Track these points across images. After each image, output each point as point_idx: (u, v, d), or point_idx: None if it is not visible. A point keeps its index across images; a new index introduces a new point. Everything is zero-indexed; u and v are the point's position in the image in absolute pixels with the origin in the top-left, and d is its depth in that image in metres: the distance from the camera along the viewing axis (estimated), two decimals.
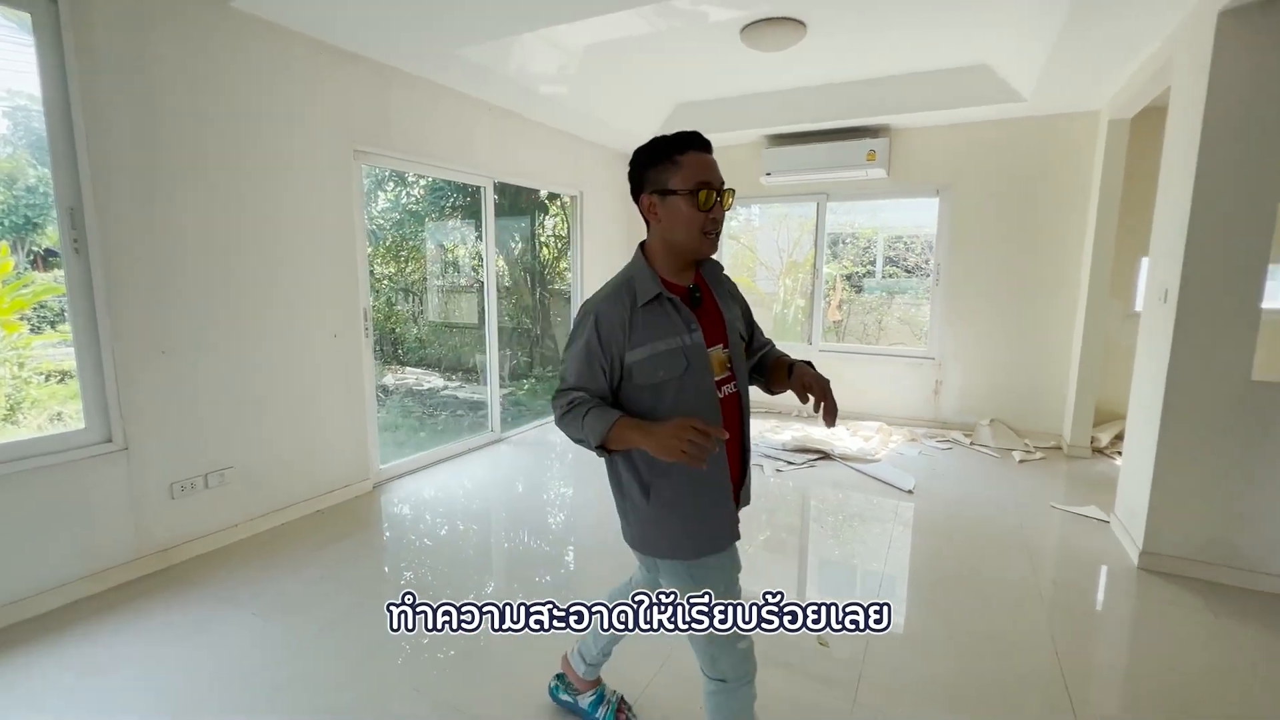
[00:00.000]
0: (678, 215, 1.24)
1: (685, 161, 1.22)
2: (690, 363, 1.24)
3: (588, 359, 1.25)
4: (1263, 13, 2.32)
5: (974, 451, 4.51)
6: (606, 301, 1.26)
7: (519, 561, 2.85)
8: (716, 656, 1.30)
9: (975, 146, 4.70)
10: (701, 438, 1.08)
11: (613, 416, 1.20)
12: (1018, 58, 3.71)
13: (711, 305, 1.34)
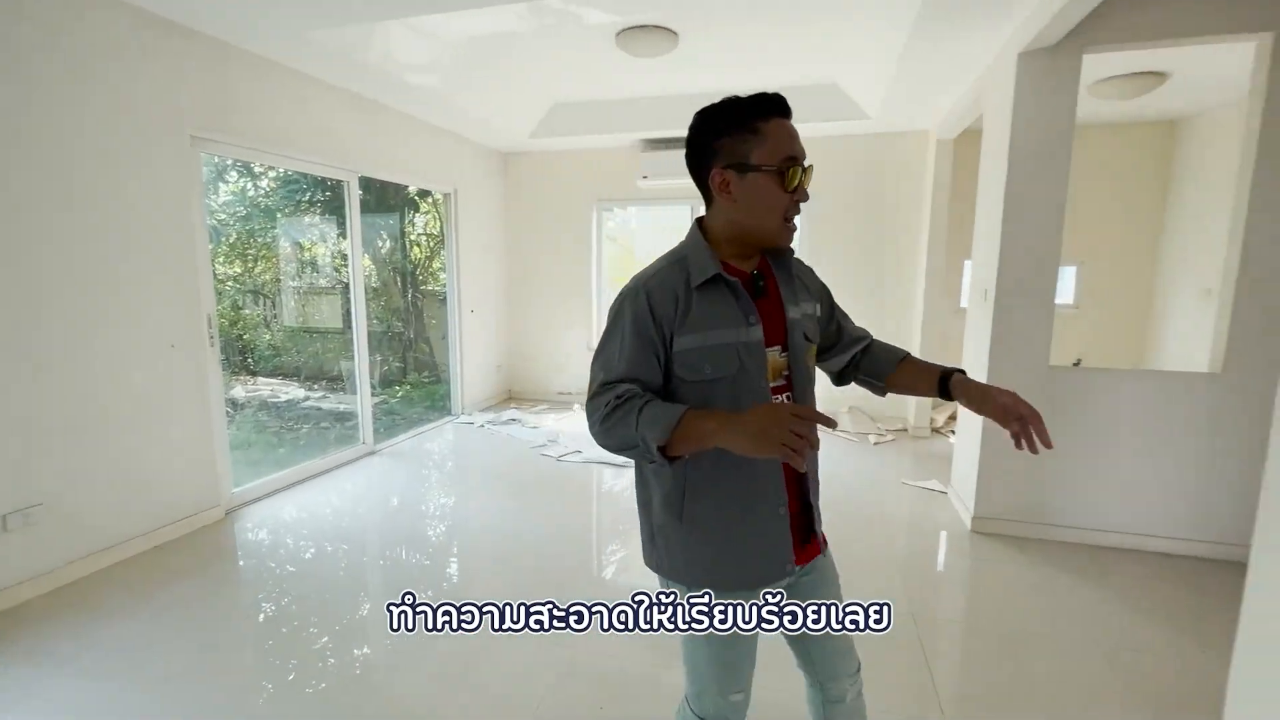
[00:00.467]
0: (758, 196, 1.02)
1: (769, 131, 1.01)
2: (744, 363, 1.04)
3: (640, 340, 1.03)
4: (1051, 55, 2.77)
5: (837, 437, 4.93)
6: (658, 277, 1.05)
7: (397, 579, 2.69)
8: (706, 691, 1.14)
9: (829, 158, 5.13)
10: (806, 427, 0.85)
11: (680, 409, 0.95)
12: (864, 79, 4.10)
13: (775, 298, 1.11)
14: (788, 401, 1.00)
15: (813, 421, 0.86)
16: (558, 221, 5.87)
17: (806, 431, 0.85)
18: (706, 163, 1.06)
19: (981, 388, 1.11)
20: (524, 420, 5.22)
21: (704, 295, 1.04)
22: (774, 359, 1.08)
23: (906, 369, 1.24)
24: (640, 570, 2.76)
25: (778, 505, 1.09)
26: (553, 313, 6.01)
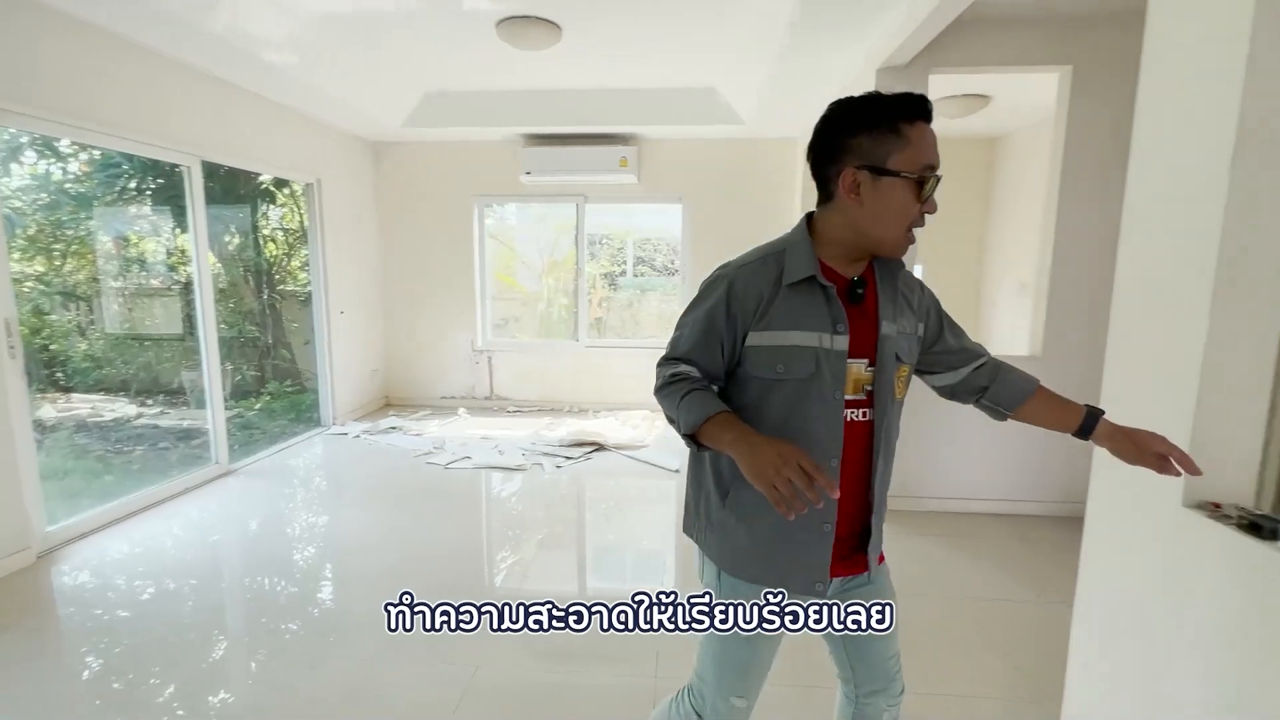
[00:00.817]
0: (890, 203, 0.96)
1: (913, 135, 0.94)
2: (820, 369, 1.00)
3: (707, 329, 1.03)
4: (905, 73, 3.07)
5: None
6: (748, 269, 1.04)
7: (258, 611, 2.40)
8: (710, 686, 1.13)
9: (709, 160, 5.33)
10: (805, 483, 0.83)
11: (714, 409, 0.96)
12: (740, 87, 4.30)
13: (872, 309, 1.05)
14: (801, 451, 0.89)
15: (814, 480, 0.83)
16: (436, 217, 5.58)
17: (803, 487, 0.83)
18: (836, 159, 0.99)
19: (1133, 439, 1.08)
20: (405, 428, 4.91)
21: (794, 294, 1.01)
22: (857, 372, 1.04)
23: (1038, 403, 1.19)
24: (537, 577, 2.69)
25: (823, 522, 1.04)
26: (434, 313, 5.70)
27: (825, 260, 1.04)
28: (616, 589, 2.61)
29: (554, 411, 5.58)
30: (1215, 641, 1.11)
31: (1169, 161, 1.26)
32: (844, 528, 1.07)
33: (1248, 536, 1.05)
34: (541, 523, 3.25)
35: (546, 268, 6.67)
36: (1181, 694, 1.18)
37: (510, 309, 6.62)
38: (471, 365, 5.72)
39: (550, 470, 4.00)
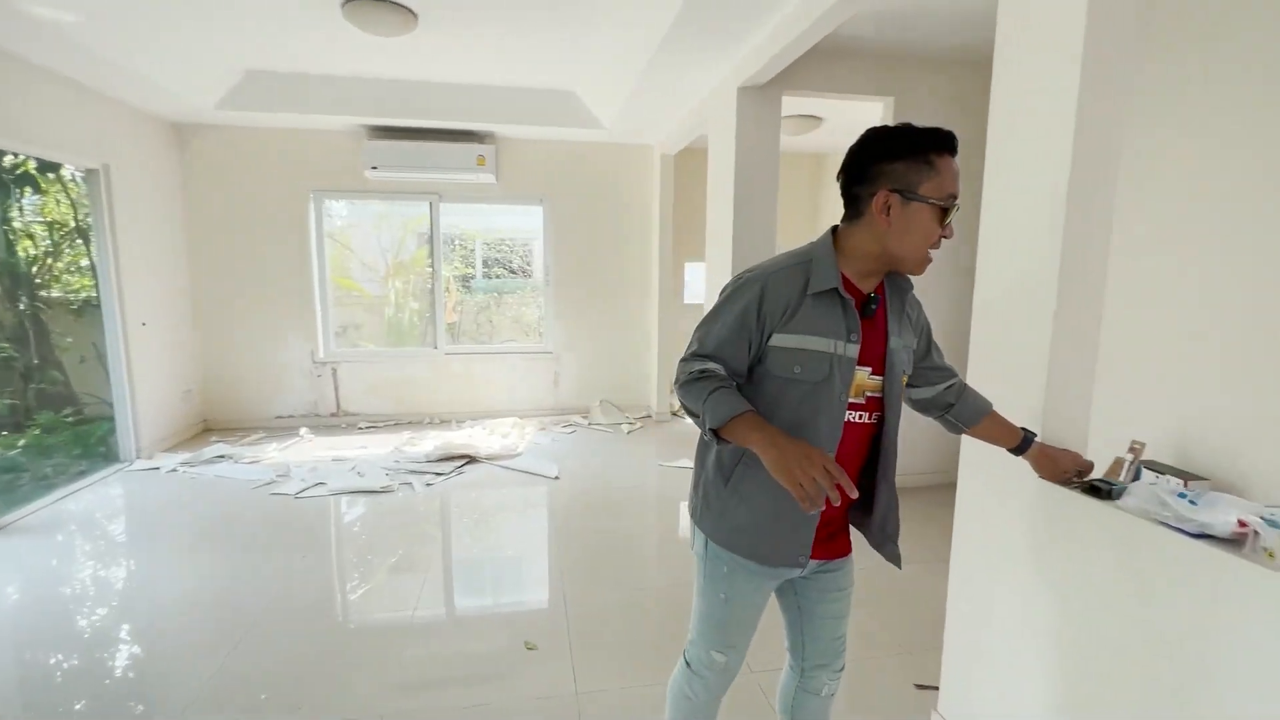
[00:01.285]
0: (916, 226, 1.06)
1: (941, 166, 1.05)
2: (832, 373, 1.10)
3: (739, 327, 1.10)
4: (763, 89, 3.32)
5: (593, 430, 5.17)
6: (779, 275, 1.11)
7: (28, 695, 1.95)
8: (695, 641, 1.29)
9: (571, 162, 5.31)
10: (827, 480, 0.93)
11: (741, 407, 1.04)
12: (602, 93, 4.34)
13: (881, 323, 1.17)
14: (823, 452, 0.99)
15: (835, 480, 0.93)
16: (263, 213, 4.89)
17: (827, 486, 0.92)
18: (870, 181, 1.08)
19: (1051, 459, 1.34)
20: (237, 455, 4.26)
21: (816, 302, 1.10)
22: (861, 378, 1.14)
23: (990, 422, 1.35)
24: (422, 604, 2.51)
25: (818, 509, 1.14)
26: (262, 322, 5.00)
27: (845, 273, 1.13)
28: (507, 604, 2.52)
29: (413, 425, 5.20)
30: (1070, 585, 1.37)
31: (1016, 182, 1.52)
32: (828, 513, 1.20)
33: (1092, 499, 1.31)
34: (417, 547, 3.02)
35: (391, 269, 6.19)
36: (1044, 633, 1.43)
37: (350, 315, 6.04)
38: (313, 379, 5.12)
39: (421, 489, 3.73)
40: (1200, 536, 1.11)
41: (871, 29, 3.05)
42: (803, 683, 1.35)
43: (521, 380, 5.52)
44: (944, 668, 1.78)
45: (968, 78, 3.57)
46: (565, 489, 3.79)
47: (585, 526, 3.26)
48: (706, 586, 1.25)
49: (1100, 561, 1.29)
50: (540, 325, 5.84)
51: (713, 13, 2.71)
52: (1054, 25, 1.37)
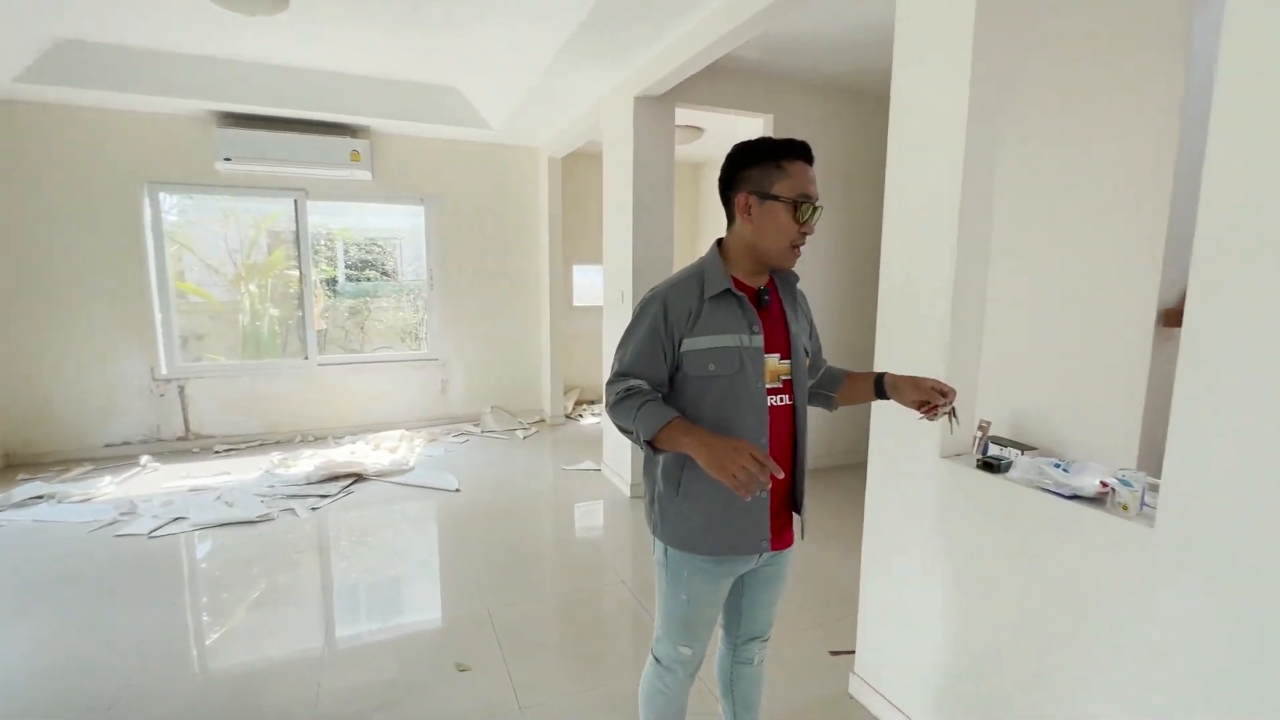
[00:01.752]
0: (772, 222, 1.19)
1: (792, 170, 1.18)
2: (744, 364, 1.20)
3: (651, 342, 1.21)
4: (658, 100, 3.44)
5: (486, 438, 5.02)
6: (677, 288, 1.23)
7: None
8: (662, 639, 1.36)
9: (456, 161, 5.10)
10: (758, 468, 1.00)
11: (668, 416, 1.13)
12: (490, 93, 4.23)
13: (778, 312, 1.29)
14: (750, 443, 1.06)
15: (764, 465, 1.01)
16: (84, 207, 4.15)
17: (756, 472, 1.01)
18: (735, 187, 1.23)
19: (912, 381, 1.34)
20: (60, 494, 3.59)
21: (715, 305, 1.21)
22: (773, 364, 1.26)
23: (851, 384, 1.44)
24: (304, 615, 2.32)
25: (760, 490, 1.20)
26: (87, 334, 4.25)
27: (735, 275, 1.26)
28: (430, 626, 2.40)
29: (284, 445, 4.72)
30: (969, 549, 1.60)
31: (916, 186, 1.74)
32: (775, 499, 1.28)
33: (985, 473, 1.55)
34: (316, 576, 2.77)
35: (243, 272, 5.55)
36: (947, 593, 1.67)
37: (193, 324, 5.33)
38: (153, 399, 4.46)
39: (306, 514, 3.41)
40: (1073, 498, 1.36)
41: (758, 52, 3.28)
42: (737, 655, 1.47)
43: (406, 390, 5.21)
44: (859, 632, 1.99)
45: (839, 100, 3.96)
46: (468, 500, 3.66)
47: (496, 537, 3.18)
48: (670, 590, 1.32)
49: (993, 526, 1.53)
50: (421, 330, 5.56)
51: (621, 22, 2.77)
52: (943, 60, 1.60)
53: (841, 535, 3.09)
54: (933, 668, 1.70)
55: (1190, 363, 1.13)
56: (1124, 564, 1.25)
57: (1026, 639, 1.45)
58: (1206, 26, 2.32)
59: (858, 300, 4.18)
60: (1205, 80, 2.35)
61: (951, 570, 1.64)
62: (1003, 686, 1.51)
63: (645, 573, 2.84)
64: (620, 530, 3.34)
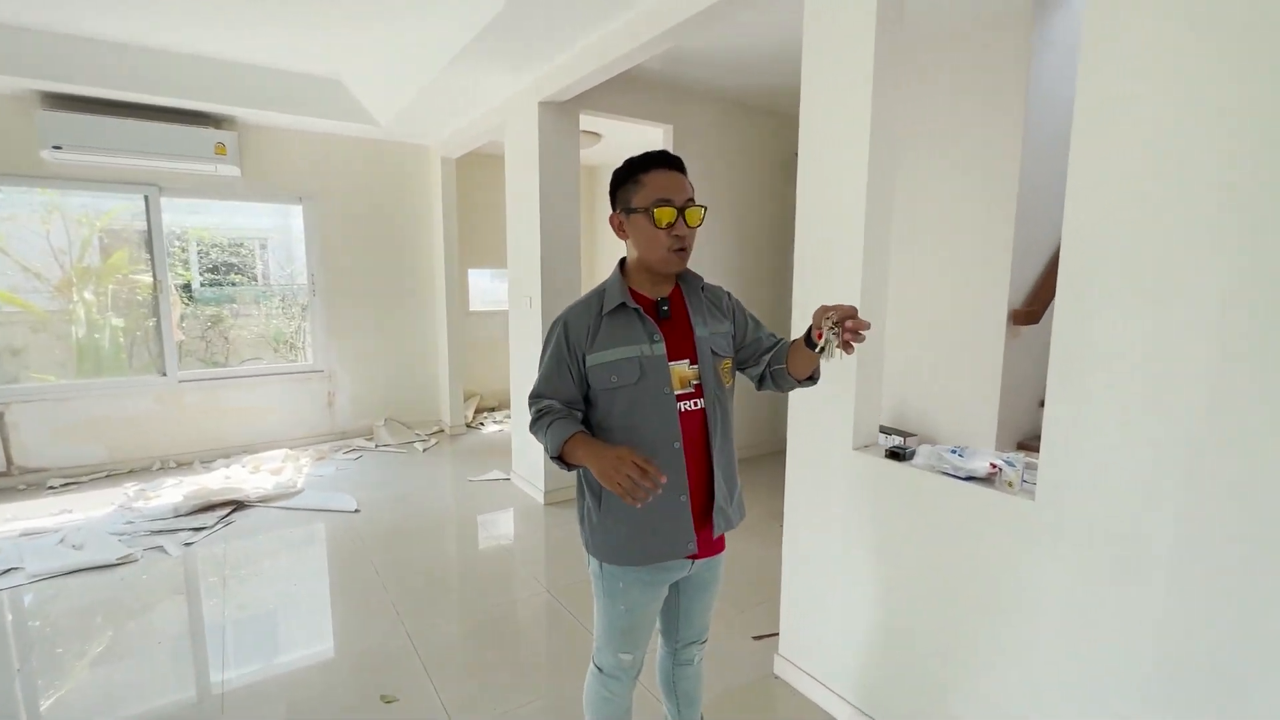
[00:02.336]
0: (640, 233, 1.25)
1: (647, 180, 1.23)
2: (645, 373, 1.24)
3: (558, 362, 1.28)
4: (563, 106, 3.44)
5: (381, 453, 4.74)
6: (577, 309, 1.30)
7: None
8: (603, 649, 1.38)
9: (339, 158, 4.76)
10: (640, 475, 1.04)
11: (570, 431, 1.19)
12: (378, 87, 4.00)
13: (682, 319, 1.31)
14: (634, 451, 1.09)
15: (645, 473, 1.05)
16: None
17: (639, 478, 1.04)
18: (612, 209, 1.31)
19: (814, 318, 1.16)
20: None
21: (613, 320, 1.27)
22: (681, 370, 1.28)
23: (792, 348, 1.30)
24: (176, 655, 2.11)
25: (679, 494, 1.27)
26: None
27: (636, 289, 1.31)
28: (348, 657, 2.24)
29: (139, 474, 4.15)
30: (880, 530, 1.78)
31: (824, 177, 1.90)
32: (697, 501, 1.31)
33: (892, 461, 1.73)
34: (204, 618, 2.48)
35: (74, 277, 4.82)
36: (863, 572, 1.84)
37: (8, 337, 4.54)
38: None
39: (179, 551, 3.03)
40: (968, 479, 1.56)
41: (660, 64, 3.39)
42: (677, 658, 1.53)
43: (288, 405, 4.79)
44: (782, 616, 2.13)
45: (737, 114, 4.17)
46: (370, 521, 3.44)
47: (406, 557, 3.02)
48: (607, 603, 1.35)
49: (902, 509, 1.71)
50: (300, 339, 5.13)
51: (529, 29, 2.74)
52: (849, 75, 1.76)
53: (761, 524, 3.27)
54: (854, 643, 1.87)
55: (1060, 356, 1.34)
56: (1012, 534, 1.46)
57: (936, 609, 1.64)
58: (1042, 70, 2.73)
59: (749, 302, 4.42)
60: (1041, 114, 2.77)
61: (867, 551, 1.81)
62: (918, 655, 1.70)
63: (568, 578, 2.83)
64: (537, 538, 3.30)
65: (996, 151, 2.80)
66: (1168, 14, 1.15)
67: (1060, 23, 2.75)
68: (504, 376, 5.99)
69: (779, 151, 4.43)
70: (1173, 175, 1.16)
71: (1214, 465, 1.13)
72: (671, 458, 1.26)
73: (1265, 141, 1.05)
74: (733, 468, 1.38)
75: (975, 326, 2.95)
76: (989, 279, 2.89)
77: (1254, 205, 1.07)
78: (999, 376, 2.90)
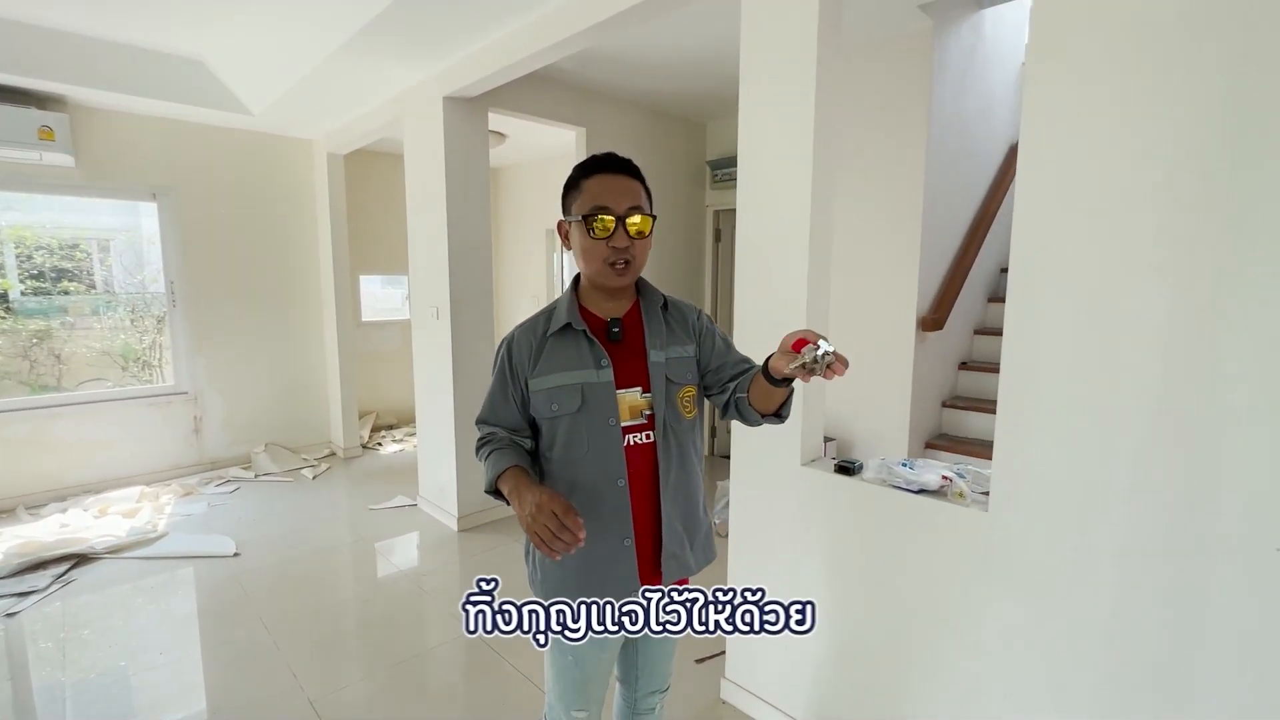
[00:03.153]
0: (578, 243, 1.13)
1: (588, 186, 1.11)
2: (587, 401, 1.12)
3: (502, 387, 1.18)
4: (470, 103, 3.21)
5: (264, 483, 4.21)
6: (523, 329, 1.19)
7: None
8: (554, 704, 1.28)
9: (203, 150, 4.18)
10: (558, 527, 0.94)
11: (504, 465, 1.09)
12: (251, 72, 3.54)
13: (636, 343, 1.17)
14: (556, 499, 0.97)
15: (563, 523, 0.94)
16: None
17: (556, 531, 0.94)
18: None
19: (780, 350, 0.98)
20: None
21: (558, 341, 1.15)
22: (632, 400, 1.15)
23: (754, 379, 1.10)
24: None
25: (623, 537, 1.15)
26: None
27: (588, 307, 1.18)
28: None
29: None
30: (830, 545, 1.75)
31: (767, 187, 1.85)
32: (645, 545, 1.17)
33: (842, 476, 1.70)
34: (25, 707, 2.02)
35: None
36: (812, 587, 1.80)
37: None
38: None
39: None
40: (919, 492, 1.56)
41: (575, 65, 3.25)
42: (637, 707, 1.39)
43: (143, 433, 4.13)
44: (729, 637, 2.06)
45: (651, 119, 4.11)
46: (253, 566, 3.01)
47: (300, 606, 2.66)
48: (555, 653, 1.22)
49: (851, 522, 1.69)
50: (155, 356, 4.46)
51: (430, 17, 2.50)
52: (790, 81, 1.72)
53: None
54: (805, 662, 1.83)
55: (1010, 368, 1.36)
56: (965, 546, 1.47)
57: (890, 622, 1.63)
58: (943, 91, 2.88)
59: None
60: (941, 132, 2.93)
61: (816, 567, 1.78)
62: (872, 669, 1.68)
63: None
64: (453, 571, 3.03)
65: (902, 167, 2.93)
66: (1110, 34, 1.19)
67: (954, 46, 2.92)
68: (403, 391, 5.56)
69: (694, 159, 4.43)
70: (1114, 193, 1.20)
71: (1157, 471, 1.18)
72: (615, 496, 1.13)
73: (1197, 157, 1.11)
74: (693, 507, 1.22)
75: (887, 333, 3.07)
76: (899, 287, 3.01)
77: (1189, 222, 1.12)
78: (910, 380, 3.04)
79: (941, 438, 3.28)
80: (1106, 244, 1.22)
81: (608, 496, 1.13)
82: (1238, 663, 1.13)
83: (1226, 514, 1.12)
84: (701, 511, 1.26)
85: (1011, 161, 3.70)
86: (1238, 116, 1.07)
